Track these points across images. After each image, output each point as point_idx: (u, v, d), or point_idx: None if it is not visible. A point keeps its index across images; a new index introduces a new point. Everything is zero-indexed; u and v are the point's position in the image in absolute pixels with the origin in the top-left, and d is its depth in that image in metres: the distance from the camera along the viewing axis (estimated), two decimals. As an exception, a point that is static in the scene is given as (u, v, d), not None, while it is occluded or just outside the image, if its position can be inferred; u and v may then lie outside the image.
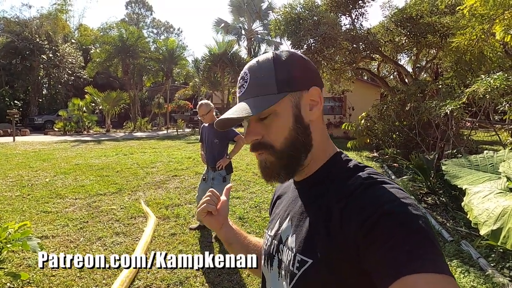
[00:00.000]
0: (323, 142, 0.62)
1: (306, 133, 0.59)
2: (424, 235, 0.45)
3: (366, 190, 0.51)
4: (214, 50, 15.45)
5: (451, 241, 3.20)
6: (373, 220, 0.47)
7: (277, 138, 0.58)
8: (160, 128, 19.63)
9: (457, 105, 3.88)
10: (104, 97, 17.17)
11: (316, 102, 0.59)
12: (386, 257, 0.44)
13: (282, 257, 0.60)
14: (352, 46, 7.62)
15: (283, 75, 0.57)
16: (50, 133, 16.09)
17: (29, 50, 19.49)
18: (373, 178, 0.53)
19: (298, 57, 0.61)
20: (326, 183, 0.58)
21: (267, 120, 0.58)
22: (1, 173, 5.93)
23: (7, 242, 2.21)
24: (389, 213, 0.46)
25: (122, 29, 18.62)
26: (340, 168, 0.59)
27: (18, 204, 4.26)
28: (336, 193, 0.54)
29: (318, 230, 0.54)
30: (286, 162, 0.58)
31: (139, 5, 39.54)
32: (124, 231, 3.49)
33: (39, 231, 3.38)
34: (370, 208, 0.48)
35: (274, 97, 0.56)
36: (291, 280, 0.56)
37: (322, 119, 0.63)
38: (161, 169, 6.38)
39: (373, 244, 0.46)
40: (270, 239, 0.66)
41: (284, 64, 0.58)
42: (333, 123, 13.50)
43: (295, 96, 0.58)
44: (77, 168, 6.45)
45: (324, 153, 0.61)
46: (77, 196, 4.63)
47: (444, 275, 0.42)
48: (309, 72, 0.61)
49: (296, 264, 0.55)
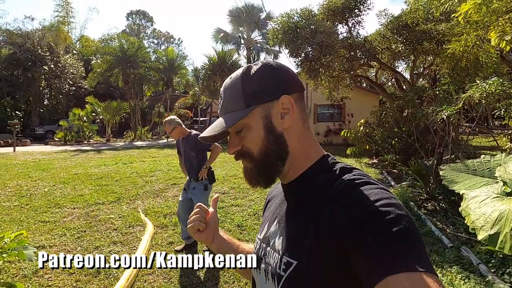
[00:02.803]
0: (304, 147, 0.62)
1: (279, 141, 0.60)
2: (409, 235, 0.46)
3: (351, 191, 0.52)
4: (213, 59, 15.60)
5: (451, 247, 3.17)
6: (358, 221, 0.47)
7: (253, 148, 0.61)
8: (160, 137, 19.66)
9: (453, 111, 3.90)
10: (104, 106, 17.27)
11: (287, 110, 0.59)
12: (371, 257, 0.44)
13: (269, 260, 0.61)
14: (349, 54, 7.71)
15: (249, 90, 0.60)
16: (50, 143, 16.13)
17: (31, 62, 19.72)
18: (358, 179, 0.54)
19: (268, 68, 0.61)
20: (312, 186, 0.59)
21: (242, 132, 0.61)
22: (0, 183, 5.93)
23: (3, 252, 2.19)
24: (374, 214, 0.47)
25: (123, 39, 18.86)
26: (326, 171, 0.59)
27: (16, 214, 4.25)
28: (322, 195, 0.55)
29: (304, 232, 0.54)
30: (264, 169, 0.61)
31: (140, 16, 40.18)
32: (122, 240, 3.46)
33: (36, 241, 3.36)
34: (355, 210, 0.49)
35: (242, 112, 0.59)
36: (278, 283, 0.56)
37: (304, 125, 0.62)
38: (160, 178, 6.37)
39: (359, 245, 0.46)
40: (259, 242, 0.67)
41: (251, 78, 0.61)
42: (332, 130, 13.51)
43: (265, 108, 0.59)
44: (76, 177, 6.45)
45: (307, 158, 0.62)
46: (75, 205, 4.62)
47: (428, 273, 0.42)
48: (279, 81, 0.61)
49: (282, 266, 0.56)
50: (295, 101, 0.60)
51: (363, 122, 8.96)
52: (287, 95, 0.59)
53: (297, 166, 0.62)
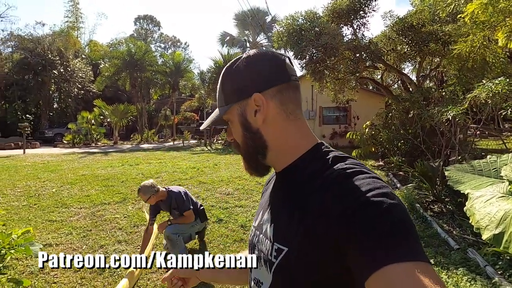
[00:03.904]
0: (288, 139, 0.62)
1: (256, 137, 0.62)
2: (402, 224, 0.46)
3: (343, 181, 0.52)
4: (219, 62, 15.74)
5: (457, 249, 3.12)
6: (351, 211, 0.47)
7: (239, 141, 0.66)
8: (166, 140, 19.83)
9: (459, 111, 3.85)
10: (112, 110, 17.52)
11: (259, 108, 0.60)
12: (364, 248, 0.45)
13: (262, 247, 0.62)
14: (354, 56, 7.69)
15: (228, 88, 0.64)
16: (59, 145, 16.41)
17: (41, 66, 20.14)
18: (351, 168, 0.54)
19: (242, 65, 0.62)
20: (303, 175, 0.59)
21: (230, 126, 0.66)
22: (10, 184, 6.06)
23: (11, 248, 2.24)
24: (366, 204, 0.47)
25: (130, 44, 19.15)
26: (318, 159, 0.60)
27: (25, 213, 4.33)
28: (313, 184, 0.55)
29: (295, 219, 0.55)
30: (248, 160, 0.66)
31: (147, 21, 40.76)
32: (127, 239, 3.50)
33: (43, 239, 3.42)
34: (347, 199, 0.49)
35: (223, 109, 0.64)
36: (270, 269, 0.57)
37: (287, 117, 0.61)
38: (165, 179, 6.42)
39: (352, 234, 0.46)
40: (254, 229, 0.69)
41: (230, 75, 0.64)
42: (338, 132, 13.43)
43: (241, 105, 0.62)
44: (83, 178, 6.55)
45: (295, 148, 0.62)
46: (82, 205, 4.69)
47: (422, 262, 0.43)
48: (252, 78, 0.61)
49: (273, 253, 0.57)
50: (272, 96, 0.60)
51: (368, 124, 8.91)
52: (259, 92, 0.59)
53: (283, 157, 0.62)
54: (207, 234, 3.61)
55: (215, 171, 7.03)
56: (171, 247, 2.97)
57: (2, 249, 2.20)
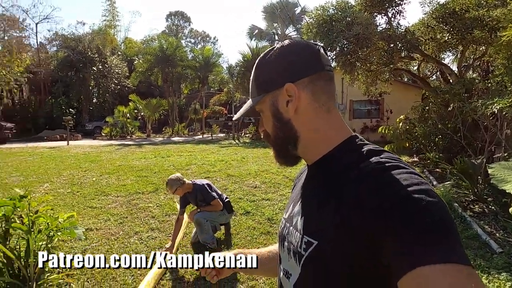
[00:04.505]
0: (319, 130, 0.61)
1: (286, 128, 0.62)
2: (442, 223, 0.44)
3: (379, 174, 0.50)
4: (247, 56, 15.75)
5: (500, 252, 2.90)
6: (389, 204, 0.46)
7: (270, 132, 0.66)
8: (196, 133, 20.37)
9: (506, 104, 3.54)
10: (145, 104, 18.31)
11: (291, 98, 0.60)
12: (402, 247, 0.43)
13: (291, 239, 0.62)
14: (388, 46, 7.31)
15: (260, 78, 0.64)
16: (98, 137, 17.53)
17: (82, 63, 21.52)
18: (388, 162, 0.52)
19: (275, 55, 0.62)
20: (336, 167, 0.58)
21: (262, 116, 0.67)
22: (56, 173, 6.60)
23: (58, 230, 2.46)
24: (406, 200, 0.45)
25: (162, 40, 19.80)
26: (352, 152, 0.58)
27: (69, 200, 4.71)
28: (346, 177, 0.54)
29: (330, 208, 0.54)
30: (278, 150, 0.66)
31: (178, 17, 41.76)
32: (159, 227, 3.68)
33: (85, 224, 3.70)
34: (384, 192, 0.47)
35: (255, 99, 0.64)
36: (300, 261, 0.57)
37: (320, 108, 0.60)
38: (195, 171, 6.62)
39: (389, 227, 0.45)
40: (284, 221, 0.69)
41: (262, 66, 0.64)
42: (369, 127, 12.94)
43: (273, 95, 0.62)
44: (119, 169, 6.95)
45: (327, 140, 0.61)
46: (118, 194, 4.99)
47: (461, 264, 0.41)
48: (285, 68, 0.60)
49: (303, 245, 0.57)
50: (305, 86, 0.59)
51: (403, 118, 8.47)
52: (291, 82, 0.59)
53: (315, 148, 0.62)
54: (234, 226, 3.69)
55: (242, 164, 7.11)
56: (200, 232, 3.11)
57: (51, 231, 2.42)
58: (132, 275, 2.68)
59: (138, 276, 2.66)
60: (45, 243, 2.40)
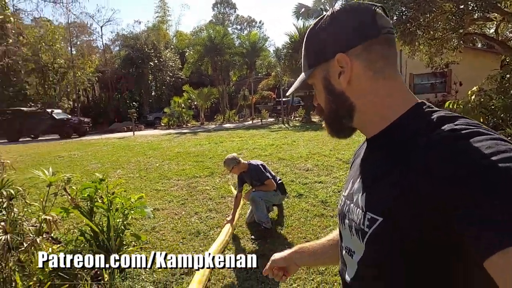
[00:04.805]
0: (378, 100, 0.57)
1: (340, 100, 0.60)
2: None
3: (453, 142, 0.45)
4: (295, 36, 15.30)
5: None
6: (466, 171, 0.41)
7: (323, 105, 0.64)
8: (246, 119, 20.79)
9: None
10: (198, 93, 19.22)
11: (343, 69, 0.56)
12: (485, 221, 0.38)
13: (353, 216, 0.60)
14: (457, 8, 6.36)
15: (310, 50, 0.62)
16: (158, 127, 19.09)
17: (141, 59, 23.38)
18: (464, 129, 0.46)
19: (328, 22, 0.58)
20: (400, 137, 0.53)
21: (315, 90, 0.65)
22: (126, 160, 7.40)
23: (131, 209, 2.79)
24: (489, 168, 0.40)
25: (210, 29, 20.31)
26: (420, 120, 0.53)
27: (138, 184, 5.26)
28: (417, 141, 0.49)
29: (390, 187, 0.51)
30: (330, 124, 0.65)
31: (224, 4, 42.22)
32: (216, 208, 3.91)
33: (152, 204, 4.11)
34: (458, 161, 0.42)
35: (307, 73, 0.63)
36: (363, 238, 0.55)
37: (377, 75, 0.56)
38: (247, 156, 6.80)
39: (467, 195, 0.40)
40: (343, 199, 0.67)
41: (312, 37, 0.61)
42: (433, 102, 11.61)
43: (324, 67, 0.60)
44: (178, 155, 7.49)
45: (387, 109, 0.56)
46: (179, 178, 5.40)
47: None
48: (337, 37, 0.57)
49: (366, 222, 0.54)
50: (358, 55, 0.55)
51: (475, 90, 7.39)
52: (342, 52, 0.56)
53: (375, 120, 0.58)
54: (287, 208, 3.72)
55: (293, 148, 7.07)
56: (255, 210, 3.22)
57: (125, 209, 2.74)
58: (197, 252, 2.91)
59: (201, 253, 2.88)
60: (121, 220, 2.74)
